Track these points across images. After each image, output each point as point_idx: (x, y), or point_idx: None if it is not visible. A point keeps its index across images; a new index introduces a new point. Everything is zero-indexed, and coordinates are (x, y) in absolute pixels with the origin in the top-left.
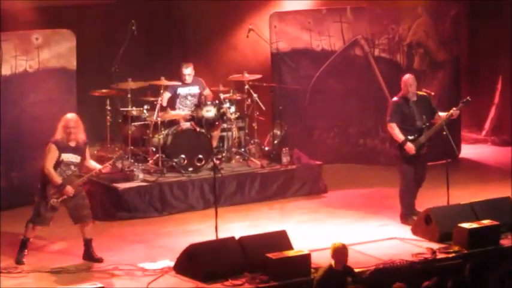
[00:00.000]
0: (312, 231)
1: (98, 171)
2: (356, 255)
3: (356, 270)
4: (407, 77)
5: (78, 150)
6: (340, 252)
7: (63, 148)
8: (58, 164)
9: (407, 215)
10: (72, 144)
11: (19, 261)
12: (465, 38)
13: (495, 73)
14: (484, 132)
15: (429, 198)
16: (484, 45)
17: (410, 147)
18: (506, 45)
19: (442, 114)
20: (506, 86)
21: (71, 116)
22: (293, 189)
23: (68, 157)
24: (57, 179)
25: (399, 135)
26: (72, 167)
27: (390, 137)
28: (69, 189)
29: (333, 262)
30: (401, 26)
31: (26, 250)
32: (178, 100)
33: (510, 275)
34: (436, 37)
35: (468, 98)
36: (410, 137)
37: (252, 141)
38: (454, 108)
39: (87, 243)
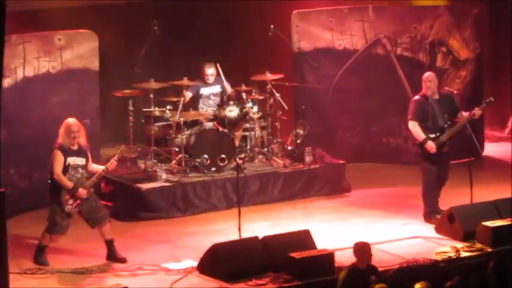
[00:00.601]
0: (335, 230)
1: (106, 169)
2: (379, 254)
3: (379, 269)
4: (427, 74)
5: (81, 153)
6: (363, 250)
7: (67, 152)
8: (65, 168)
9: (430, 213)
10: (75, 147)
11: (42, 263)
12: (487, 37)
13: None
14: (507, 130)
15: (452, 197)
16: (507, 44)
17: (430, 145)
18: None
19: (465, 113)
20: None
21: (72, 120)
22: (316, 188)
23: (73, 160)
24: (68, 183)
25: (420, 134)
26: (80, 170)
27: (412, 136)
28: (82, 191)
29: (356, 261)
30: (424, 24)
31: (44, 255)
32: (201, 100)
33: None
34: (459, 36)
35: (491, 98)
36: (431, 136)
37: (274, 141)
38: (477, 108)
39: (109, 244)
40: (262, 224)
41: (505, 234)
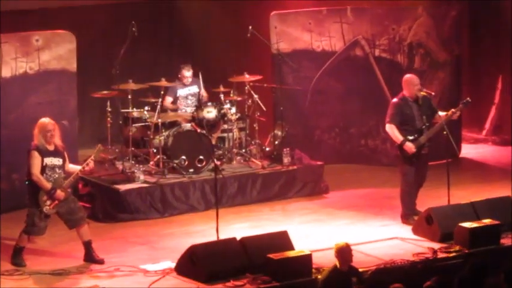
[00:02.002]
0: (314, 231)
1: (83, 169)
2: (357, 255)
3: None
4: (411, 76)
5: (58, 153)
6: (344, 252)
7: (44, 153)
8: (43, 169)
9: (408, 215)
10: (51, 148)
11: (19, 264)
12: (466, 38)
13: (495, 73)
14: (484, 132)
15: (430, 198)
16: (485, 45)
17: (409, 146)
18: (506, 45)
19: (442, 114)
20: (507, 85)
21: (47, 120)
22: (294, 189)
23: (50, 161)
24: (47, 184)
25: (398, 136)
26: (57, 170)
27: (391, 138)
28: (60, 192)
29: (337, 262)
30: (402, 26)
31: (22, 257)
32: (178, 101)
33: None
34: (437, 37)
35: (468, 99)
36: (410, 137)
37: (253, 142)
38: (453, 110)
39: (87, 245)
40: (241, 225)
41: (483, 235)
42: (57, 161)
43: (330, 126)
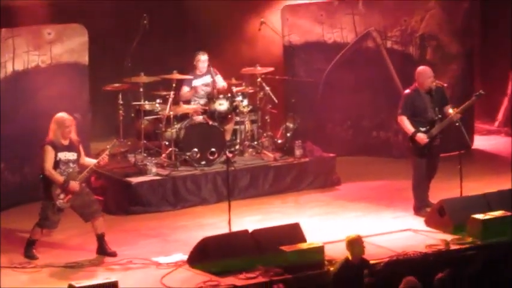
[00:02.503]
0: (326, 224)
1: (97, 164)
2: (369, 247)
3: (370, 262)
4: (425, 68)
5: (72, 147)
6: (355, 244)
7: (58, 147)
8: (57, 164)
9: (420, 206)
10: (66, 142)
11: (32, 257)
12: (478, 30)
13: (508, 64)
14: (497, 123)
15: (442, 190)
16: (497, 37)
17: (421, 137)
18: None
19: (453, 107)
20: None
21: (66, 115)
22: (306, 182)
23: (64, 155)
24: (60, 178)
25: (409, 127)
26: (71, 165)
27: (403, 130)
28: (74, 185)
29: (349, 255)
30: (414, 18)
31: (34, 249)
32: (191, 93)
33: None
34: (449, 29)
35: (481, 91)
36: (422, 129)
37: (264, 134)
38: (457, 111)
39: (100, 238)
40: (253, 217)
41: (495, 227)
42: (72, 156)
43: (341, 119)
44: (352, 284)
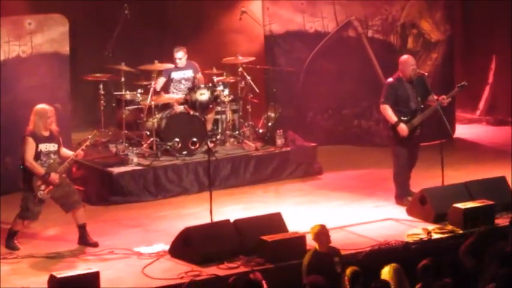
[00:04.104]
0: (307, 213)
1: (77, 155)
2: (351, 236)
3: (351, 251)
4: (408, 57)
5: (53, 138)
6: (321, 234)
7: (38, 139)
8: (37, 155)
9: (402, 195)
10: (46, 133)
11: (13, 248)
12: (459, 18)
13: (489, 53)
14: (478, 112)
15: (424, 179)
16: (478, 25)
17: (403, 128)
18: (500, 24)
19: (435, 97)
20: (500, 65)
21: (47, 106)
22: (288, 171)
23: (45, 147)
24: (40, 169)
25: (392, 117)
26: (52, 156)
27: (383, 118)
28: (54, 177)
29: (316, 245)
30: (395, 6)
31: (15, 240)
32: (172, 84)
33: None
34: (430, 17)
35: (464, 82)
36: (403, 119)
37: (246, 124)
38: (444, 96)
39: (81, 229)
40: (234, 207)
41: (477, 215)
42: (52, 147)
43: (323, 108)
44: (324, 273)
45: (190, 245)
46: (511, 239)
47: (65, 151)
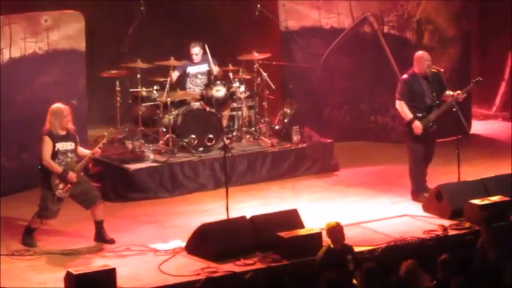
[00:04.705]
0: (324, 209)
1: (95, 152)
2: (367, 233)
3: (367, 248)
4: (423, 53)
5: (70, 137)
6: (335, 231)
7: (55, 138)
8: (55, 154)
9: (418, 192)
10: (63, 132)
11: (30, 244)
12: (475, 14)
13: (505, 49)
14: (494, 108)
15: (440, 175)
16: (494, 21)
17: (417, 126)
18: None
19: (451, 93)
20: None
21: (63, 105)
22: (304, 167)
23: (62, 146)
24: (58, 168)
25: (407, 113)
26: (69, 154)
27: (399, 115)
28: (72, 176)
29: (330, 242)
30: (410, 2)
31: (33, 237)
32: (188, 79)
33: None
34: (446, 13)
35: (479, 78)
36: (419, 115)
37: (262, 120)
38: (459, 92)
39: (99, 225)
40: (250, 203)
41: (493, 211)
42: (70, 145)
43: (339, 104)
44: (336, 270)
45: (206, 242)
46: None
47: (82, 150)
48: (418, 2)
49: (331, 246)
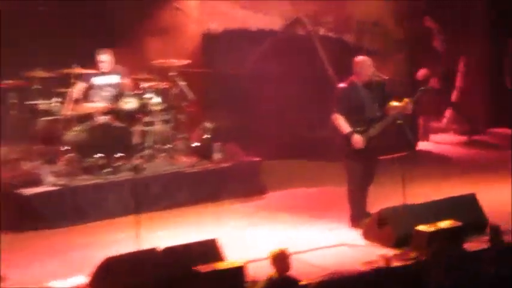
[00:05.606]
0: (249, 238)
1: None
2: (300, 265)
3: (299, 283)
4: (363, 58)
5: None
6: (281, 259)
7: None
8: None
9: (357, 217)
10: None
11: None
12: (422, 17)
13: (456, 54)
14: (444, 120)
15: (383, 198)
16: (444, 23)
17: (357, 139)
18: (467, 25)
19: (396, 104)
20: (471, 68)
21: None
22: (227, 190)
23: None
24: None
25: (344, 127)
26: None
27: (336, 128)
28: None
29: (273, 273)
30: (350, 1)
31: None
32: (94, 91)
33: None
34: (391, 14)
35: (428, 86)
36: (359, 129)
37: (179, 136)
38: (407, 99)
39: None
40: (165, 232)
41: (443, 239)
42: None
43: (268, 116)
44: None
45: (113, 277)
46: None
47: None
48: (357, 1)
49: (274, 277)
